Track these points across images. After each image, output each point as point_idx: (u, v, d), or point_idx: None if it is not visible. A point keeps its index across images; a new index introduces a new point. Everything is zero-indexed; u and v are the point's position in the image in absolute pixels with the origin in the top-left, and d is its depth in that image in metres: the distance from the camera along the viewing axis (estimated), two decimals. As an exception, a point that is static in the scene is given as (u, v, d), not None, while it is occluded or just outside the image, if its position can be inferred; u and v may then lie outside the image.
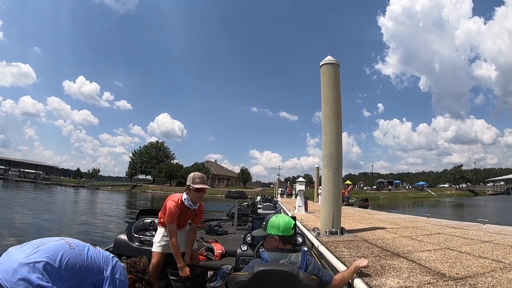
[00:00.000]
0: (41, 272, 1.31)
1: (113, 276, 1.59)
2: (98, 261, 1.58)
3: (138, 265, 1.81)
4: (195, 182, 2.75)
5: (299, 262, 1.74)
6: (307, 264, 1.75)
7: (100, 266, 1.57)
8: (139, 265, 1.81)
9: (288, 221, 1.89)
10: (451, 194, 52.32)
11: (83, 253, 1.55)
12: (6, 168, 62.53)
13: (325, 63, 4.68)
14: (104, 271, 1.58)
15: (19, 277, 1.26)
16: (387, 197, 47.19)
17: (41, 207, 16.63)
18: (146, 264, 1.89)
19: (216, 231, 5.01)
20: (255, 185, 62.39)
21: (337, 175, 4.40)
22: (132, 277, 1.75)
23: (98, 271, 1.56)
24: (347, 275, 1.94)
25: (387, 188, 57.38)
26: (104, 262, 1.62)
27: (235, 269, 2.78)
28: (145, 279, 1.80)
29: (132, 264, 1.80)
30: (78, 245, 1.58)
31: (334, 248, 3.24)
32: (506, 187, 53.42)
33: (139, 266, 1.81)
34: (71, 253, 1.48)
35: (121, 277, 1.63)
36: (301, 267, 1.71)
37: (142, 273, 1.79)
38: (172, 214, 2.70)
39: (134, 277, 1.76)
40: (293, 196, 23.38)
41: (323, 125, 4.59)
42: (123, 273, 1.67)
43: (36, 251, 1.39)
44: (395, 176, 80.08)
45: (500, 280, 1.97)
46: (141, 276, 1.78)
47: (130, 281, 1.73)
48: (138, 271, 1.79)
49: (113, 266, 1.63)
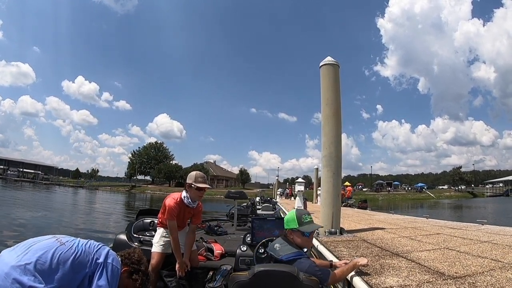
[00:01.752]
0: (32, 273, 1.31)
1: (105, 261, 1.59)
2: (90, 252, 1.58)
3: (133, 256, 1.79)
4: (197, 181, 2.78)
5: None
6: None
7: (92, 257, 1.57)
8: (134, 256, 1.79)
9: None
10: (450, 196, 52.37)
11: (74, 247, 1.54)
12: (5, 167, 62.37)
13: (325, 64, 4.70)
14: (97, 259, 1.58)
15: (11, 280, 1.26)
16: (386, 198, 47.20)
17: (40, 207, 16.58)
18: (141, 255, 1.87)
19: (216, 232, 5.00)
20: (254, 186, 62.32)
21: (337, 176, 4.41)
22: (128, 268, 1.73)
23: (91, 262, 1.55)
24: (346, 270, 1.95)
25: (386, 189, 57.42)
26: (97, 252, 1.61)
27: (235, 269, 2.78)
28: (141, 270, 1.78)
29: (127, 256, 1.78)
30: (68, 240, 1.58)
31: (333, 248, 3.24)
32: (505, 189, 53.53)
33: (134, 257, 1.78)
34: (62, 249, 1.48)
35: (113, 262, 1.62)
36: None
37: (137, 264, 1.77)
38: (171, 211, 2.74)
39: (130, 269, 1.73)
40: (292, 197, 23.40)
41: (323, 126, 4.60)
42: (115, 259, 1.66)
43: (27, 252, 1.39)
44: (394, 178, 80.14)
45: (498, 279, 1.98)
46: (137, 267, 1.76)
47: (126, 273, 1.71)
48: (134, 262, 1.76)
49: (106, 254, 1.63)
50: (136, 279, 1.73)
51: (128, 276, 1.72)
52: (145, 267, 1.84)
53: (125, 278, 1.70)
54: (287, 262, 1.79)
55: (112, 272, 1.59)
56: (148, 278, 1.85)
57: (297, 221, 1.94)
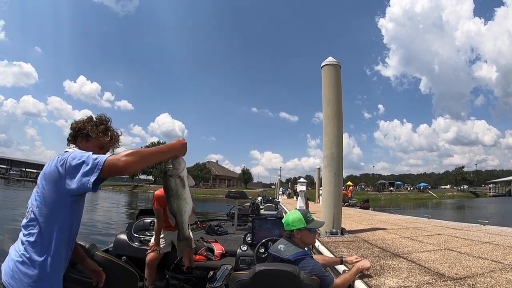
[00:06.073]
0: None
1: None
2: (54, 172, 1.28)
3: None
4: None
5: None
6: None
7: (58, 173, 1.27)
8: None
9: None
10: (452, 196, 52.15)
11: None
12: (7, 167, 62.77)
13: (326, 64, 4.69)
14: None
15: (17, 276, 1.23)
16: (388, 198, 47.08)
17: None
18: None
19: (216, 231, 5.02)
20: (256, 186, 62.37)
21: (338, 176, 4.40)
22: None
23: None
24: (349, 277, 1.94)
25: (388, 189, 57.29)
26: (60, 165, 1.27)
27: (235, 269, 2.80)
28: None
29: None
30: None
31: (334, 249, 3.24)
32: (507, 189, 53.21)
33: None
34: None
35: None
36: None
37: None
38: (158, 200, 3.10)
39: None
40: (294, 197, 23.39)
41: (324, 126, 4.59)
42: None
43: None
44: (396, 178, 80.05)
45: (499, 281, 1.98)
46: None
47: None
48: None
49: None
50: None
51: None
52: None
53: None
54: (295, 262, 1.80)
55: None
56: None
57: (304, 220, 2.00)
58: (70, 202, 1.30)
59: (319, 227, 2.21)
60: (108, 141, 1.56)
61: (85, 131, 1.51)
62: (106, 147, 1.57)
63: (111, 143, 1.58)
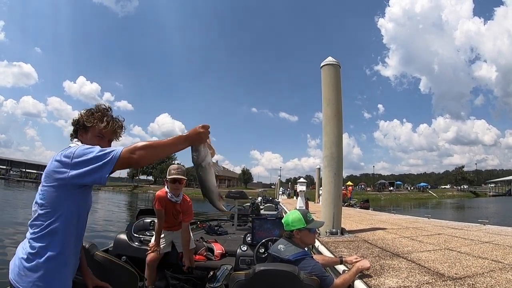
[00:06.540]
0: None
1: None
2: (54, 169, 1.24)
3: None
4: (170, 173, 3.03)
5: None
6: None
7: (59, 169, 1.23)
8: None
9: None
10: (452, 196, 52.16)
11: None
12: (7, 168, 62.81)
13: (325, 64, 4.69)
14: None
15: (23, 273, 1.22)
16: (388, 198, 47.08)
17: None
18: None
19: (216, 231, 5.03)
20: (256, 186, 62.36)
21: (338, 176, 4.40)
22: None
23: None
24: (349, 277, 1.94)
25: (388, 189, 57.31)
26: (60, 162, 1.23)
27: (235, 269, 2.80)
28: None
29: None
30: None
31: (334, 249, 3.24)
32: (507, 188, 53.24)
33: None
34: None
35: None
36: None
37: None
38: (158, 200, 3.08)
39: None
40: (294, 197, 23.40)
41: (324, 126, 4.59)
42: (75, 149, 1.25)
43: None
44: (396, 177, 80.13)
45: (498, 280, 1.98)
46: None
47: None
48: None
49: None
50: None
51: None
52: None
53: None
54: (295, 262, 1.80)
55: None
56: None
57: (304, 220, 2.00)
58: (76, 194, 1.27)
59: (319, 227, 2.21)
60: (103, 127, 1.47)
61: (82, 121, 1.48)
62: (105, 135, 1.50)
63: (108, 129, 1.49)
